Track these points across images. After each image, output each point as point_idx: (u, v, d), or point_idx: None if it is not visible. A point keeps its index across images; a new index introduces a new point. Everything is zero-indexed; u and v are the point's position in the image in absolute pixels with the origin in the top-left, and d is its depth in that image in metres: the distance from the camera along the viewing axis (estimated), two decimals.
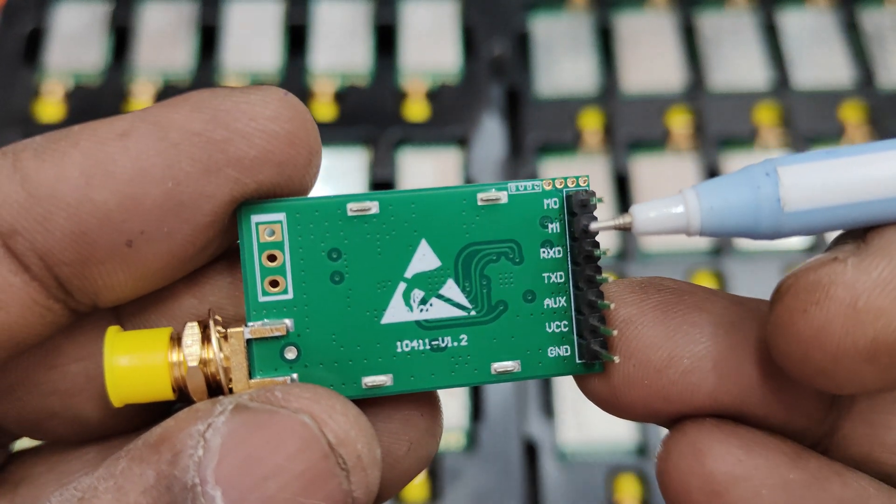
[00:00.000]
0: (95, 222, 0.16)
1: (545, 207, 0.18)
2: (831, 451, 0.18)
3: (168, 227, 0.17)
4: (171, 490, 0.15)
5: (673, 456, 0.18)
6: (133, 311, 0.19)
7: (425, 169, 0.48)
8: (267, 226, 0.18)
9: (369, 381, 0.18)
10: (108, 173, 0.16)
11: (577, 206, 0.18)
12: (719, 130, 0.49)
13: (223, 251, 0.19)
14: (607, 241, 0.46)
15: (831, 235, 0.17)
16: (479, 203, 0.18)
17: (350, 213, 0.18)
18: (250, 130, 0.16)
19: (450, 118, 0.49)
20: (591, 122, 0.50)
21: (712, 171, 0.48)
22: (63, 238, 0.16)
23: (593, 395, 0.19)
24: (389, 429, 0.19)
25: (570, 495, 0.41)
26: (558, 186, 0.18)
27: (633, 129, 0.49)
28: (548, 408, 0.43)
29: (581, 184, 0.18)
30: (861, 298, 0.15)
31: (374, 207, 0.18)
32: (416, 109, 0.50)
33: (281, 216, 0.18)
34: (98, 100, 0.49)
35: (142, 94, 0.50)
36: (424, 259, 0.18)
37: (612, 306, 0.18)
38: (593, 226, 0.17)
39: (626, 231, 0.16)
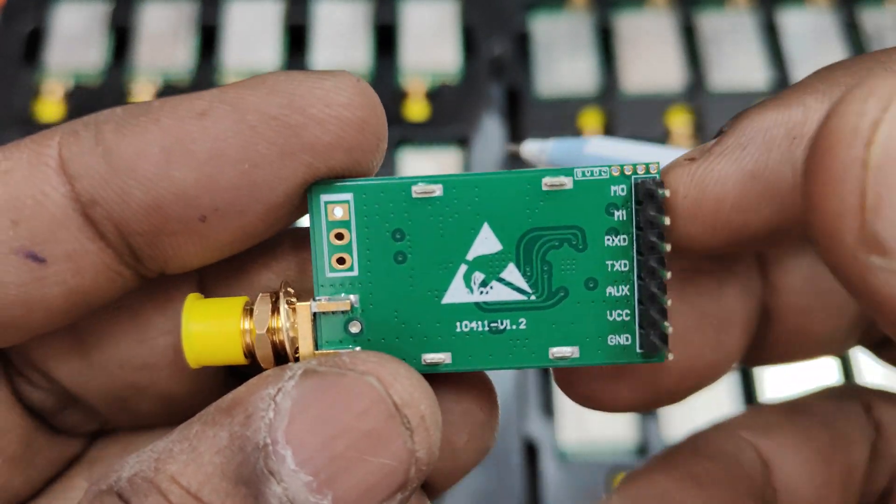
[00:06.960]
0: (171, 197, 0.17)
1: (612, 194, 0.18)
2: None
3: (241, 206, 0.17)
4: (243, 450, 0.16)
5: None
6: (217, 285, 0.20)
7: (425, 169, 0.48)
8: (335, 205, 0.18)
9: (429, 357, 0.18)
10: (188, 151, 0.17)
11: (644, 196, 0.18)
12: None
13: (293, 223, 0.19)
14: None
15: None
16: (544, 188, 0.18)
17: (415, 195, 0.18)
18: (325, 117, 0.17)
19: (450, 118, 0.49)
20: (591, 122, 0.50)
21: None
22: (139, 210, 0.17)
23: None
24: (449, 420, 0.19)
25: (570, 495, 0.41)
26: (626, 173, 0.18)
27: (633, 128, 0.49)
28: (548, 408, 0.43)
29: (651, 171, 0.18)
30: None
31: (437, 190, 0.18)
32: (416, 109, 0.50)
33: (348, 196, 0.18)
34: (98, 100, 0.49)
35: (142, 93, 0.50)
36: (486, 242, 0.18)
37: (669, 303, 0.18)
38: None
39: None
